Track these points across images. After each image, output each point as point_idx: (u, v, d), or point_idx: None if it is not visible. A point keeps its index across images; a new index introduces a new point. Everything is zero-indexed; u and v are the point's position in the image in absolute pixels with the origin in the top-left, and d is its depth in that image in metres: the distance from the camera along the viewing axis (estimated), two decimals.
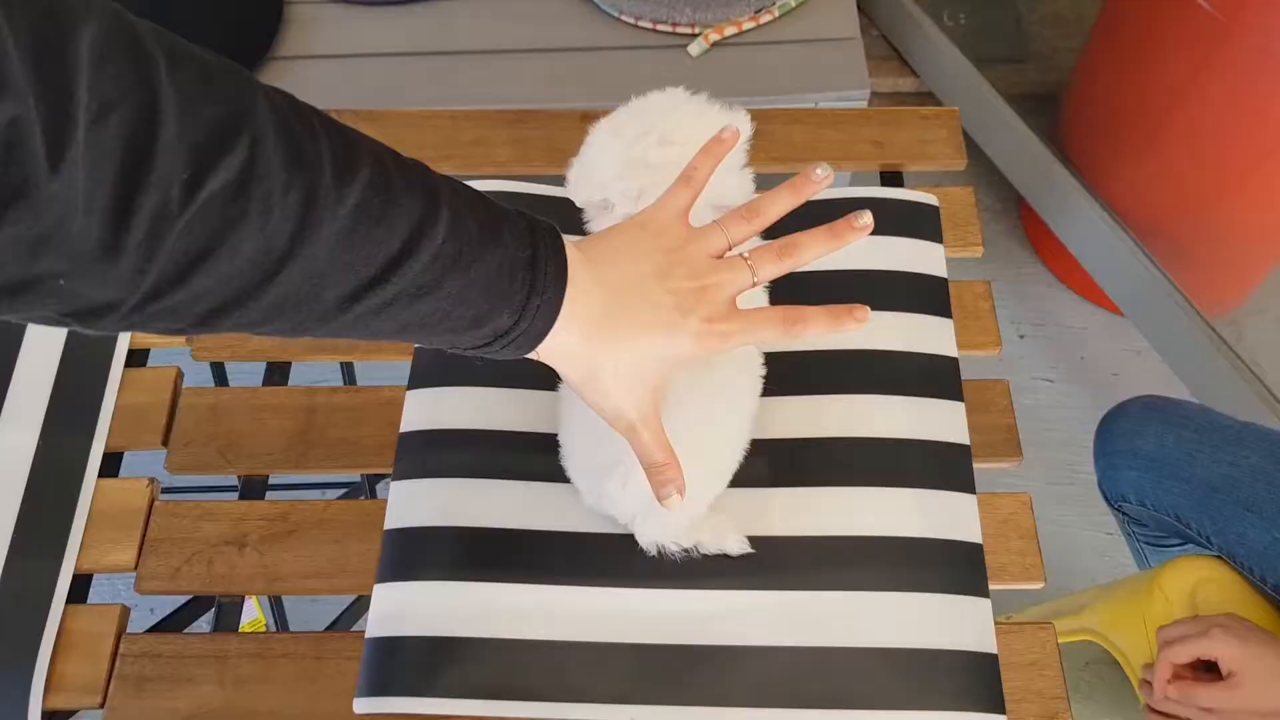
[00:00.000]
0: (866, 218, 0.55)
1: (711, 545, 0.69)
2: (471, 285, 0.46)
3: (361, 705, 0.67)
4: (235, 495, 0.77)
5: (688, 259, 0.54)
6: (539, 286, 0.48)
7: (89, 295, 0.35)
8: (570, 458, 0.70)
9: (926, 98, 1.84)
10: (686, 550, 0.69)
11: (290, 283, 0.40)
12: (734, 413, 0.67)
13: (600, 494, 0.68)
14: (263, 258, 0.39)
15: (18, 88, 0.30)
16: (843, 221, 0.55)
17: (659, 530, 0.68)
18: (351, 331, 0.45)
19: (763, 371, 0.68)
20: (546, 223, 0.51)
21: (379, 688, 0.68)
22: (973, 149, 0.87)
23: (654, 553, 0.69)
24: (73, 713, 0.71)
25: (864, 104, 1.35)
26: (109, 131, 0.33)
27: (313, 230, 0.40)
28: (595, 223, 0.67)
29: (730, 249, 0.56)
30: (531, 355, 0.52)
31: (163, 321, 0.39)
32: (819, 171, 0.56)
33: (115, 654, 0.70)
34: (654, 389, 0.55)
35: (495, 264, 0.47)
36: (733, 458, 0.68)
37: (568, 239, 0.52)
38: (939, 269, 0.81)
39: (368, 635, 0.69)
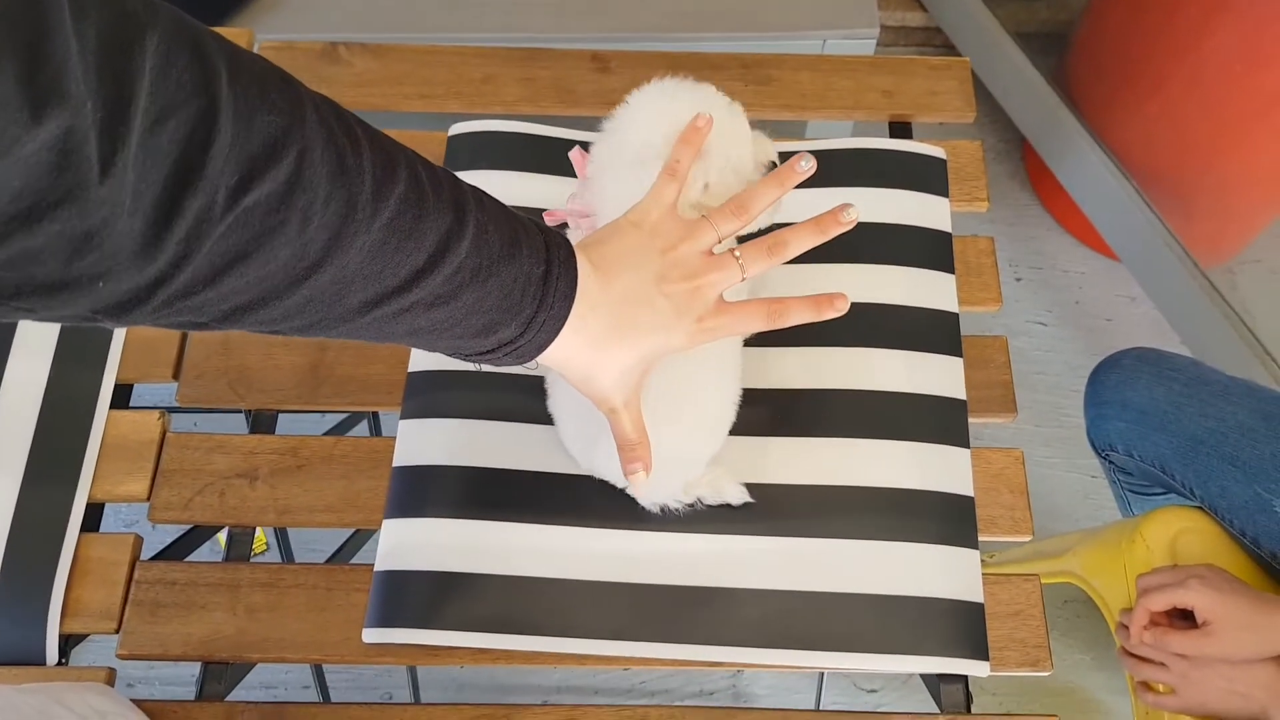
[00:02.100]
0: (853, 213, 0.58)
1: (712, 498, 0.71)
2: (486, 297, 0.47)
3: (370, 635, 0.70)
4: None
5: (682, 259, 0.56)
6: (548, 302, 0.50)
7: (120, 291, 0.36)
8: (562, 428, 0.71)
9: (934, 33, 1.82)
10: (690, 505, 0.71)
11: (317, 287, 0.41)
12: (720, 373, 0.68)
13: (593, 461, 0.69)
14: (295, 264, 0.40)
15: (76, 96, 0.30)
16: (829, 216, 0.58)
17: (657, 491, 0.70)
18: (363, 333, 0.46)
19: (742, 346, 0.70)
20: (561, 237, 0.53)
21: (387, 619, 0.70)
22: (978, 88, 0.86)
23: (657, 511, 0.71)
24: (86, 636, 0.74)
25: (872, 43, 1.34)
26: (165, 136, 0.34)
27: (347, 241, 0.41)
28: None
29: (719, 243, 0.58)
30: (531, 364, 0.54)
31: (186, 316, 0.39)
32: (803, 164, 0.59)
33: (129, 581, 0.72)
34: (640, 377, 0.58)
35: (510, 278, 0.48)
36: (725, 417, 0.69)
37: (576, 244, 0.54)
38: (944, 223, 0.82)
39: (376, 569, 0.72)
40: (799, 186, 0.86)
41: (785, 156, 0.84)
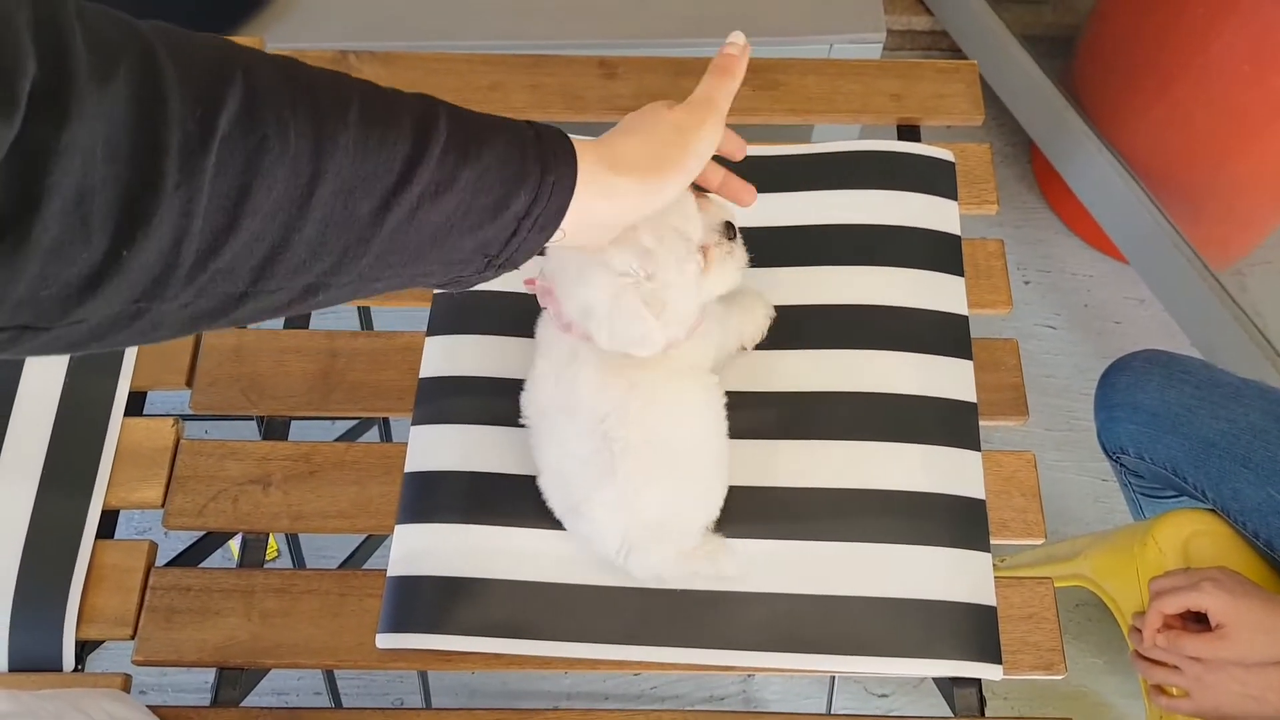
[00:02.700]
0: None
1: (708, 570, 0.69)
2: (486, 172, 0.46)
3: (383, 640, 0.70)
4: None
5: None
6: (549, 164, 0.49)
7: (149, 259, 0.36)
8: (550, 499, 0.70)
9: (940, 36, 1.82)
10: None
11: (324, 204, 0.41)
12: (705, 430, 0.68)
13: (579, 530, 0.69)
14: (295, 181, 0.40)
15: (22, 69, 0.31)
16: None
17: (648, 564, 0.68)
18: (392, 253, 0.45)
19: (716, 382, 0.69)
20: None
21: (399, 624, 0.70)
22: (985, 91, 0.87)
23: (652, 584, 0.70)
24: (102, 642, 0.74)
25: (879, 47, 1.34)
26: (118, 81, 0.34)
27: (330, 143, 0.40)
28: None
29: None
30: (566, 236, 0.52)
31: (222, 285, 0.39)
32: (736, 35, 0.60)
33: (144, 587, 0.73)
34: (683, 136, 0.55)
35: (503, 147, 0.47)
36: (715, 479, 0.69)
37: None
38: (953, 226, 0.82)
39: (389, 574, 0.72)
40: (803, 189, 0.87)
41: (777, 166, 0.85)
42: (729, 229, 0.64)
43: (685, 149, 0.55)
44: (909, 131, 0.89)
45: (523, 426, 0.74)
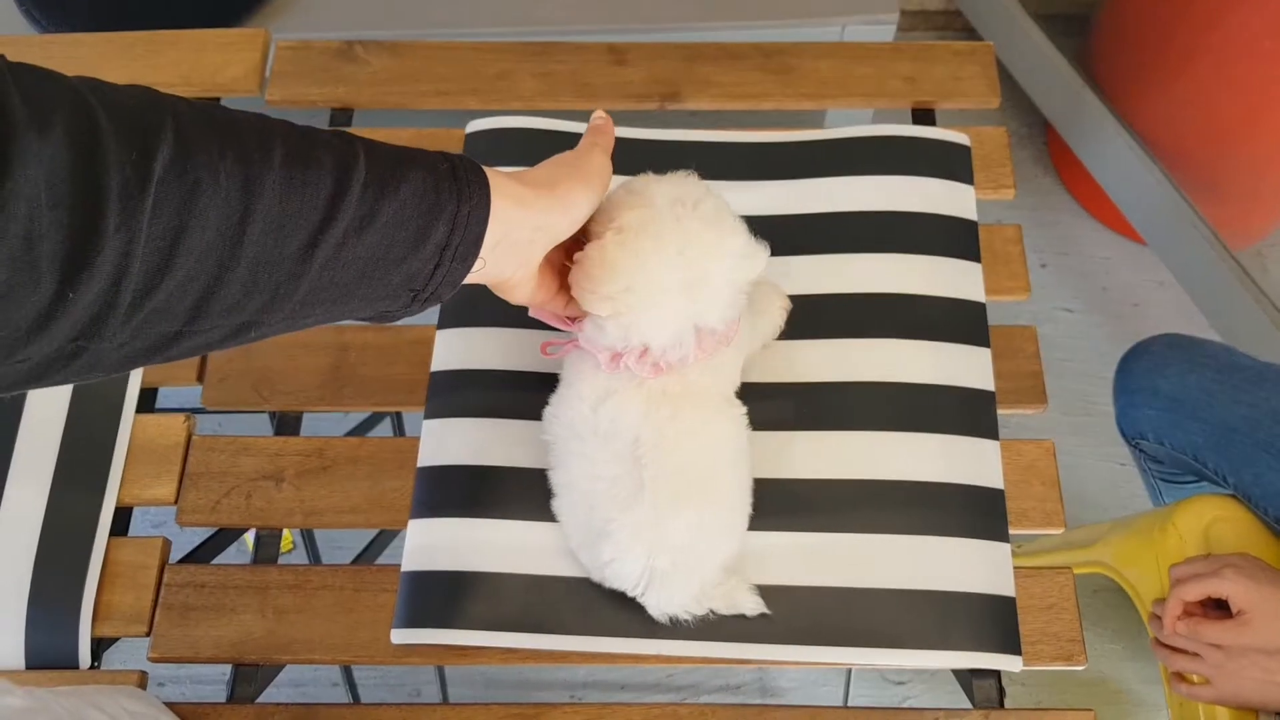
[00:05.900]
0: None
1: (726, 609, 0.68)
2: (405, 206, 0.47)
3: (398, 636, 0.70)
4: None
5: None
6: (466, 193, 0.50)
7: (89, 298, 0.37)
8: (569, 535, 0.69)
9: (954, 16, 1.80)
10: (702, 617, 0.68)
11: (255, 243, 0.42)
12: (731, 452, 0.66)
13: (599, 566, 0.67)
14: (227, 221, 0.41)
15: None
16: None
17: (668, 600, 0.67)
18: (322, 290, 0.46)
19: (745, 415, 0.68)
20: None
21: (414, 619, 0.70)
22: (1000, 72, 0.85)
23: (666, 622, 0.68)
24: (118, 639, 0.74)
25: (892, 28, 1.32)
26: (56, 130, 0.36)
27: (257, 184, 0.42)
28: None
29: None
30: (484, 274, 0.53)
31: (158, 325, 0.41)
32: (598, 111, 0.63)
33: (159, 584, 0.73)
34: (578, 159, 0.58)
35: (420, 181, 0.48)
36: (739, 509, 0.67)
37: None
38: (969, 212, 0.81)
39: (403, 569, 0.72)
40: (816, 175, 0.85)
41: (789, 152, 0.83)
42: None
43: (582, 168, 0.58)
44: (924, 115, 0.88)
45: (535, 420, 0.74)
